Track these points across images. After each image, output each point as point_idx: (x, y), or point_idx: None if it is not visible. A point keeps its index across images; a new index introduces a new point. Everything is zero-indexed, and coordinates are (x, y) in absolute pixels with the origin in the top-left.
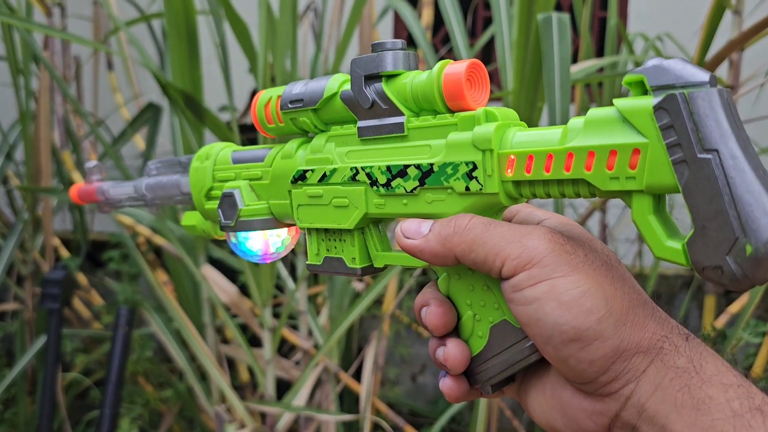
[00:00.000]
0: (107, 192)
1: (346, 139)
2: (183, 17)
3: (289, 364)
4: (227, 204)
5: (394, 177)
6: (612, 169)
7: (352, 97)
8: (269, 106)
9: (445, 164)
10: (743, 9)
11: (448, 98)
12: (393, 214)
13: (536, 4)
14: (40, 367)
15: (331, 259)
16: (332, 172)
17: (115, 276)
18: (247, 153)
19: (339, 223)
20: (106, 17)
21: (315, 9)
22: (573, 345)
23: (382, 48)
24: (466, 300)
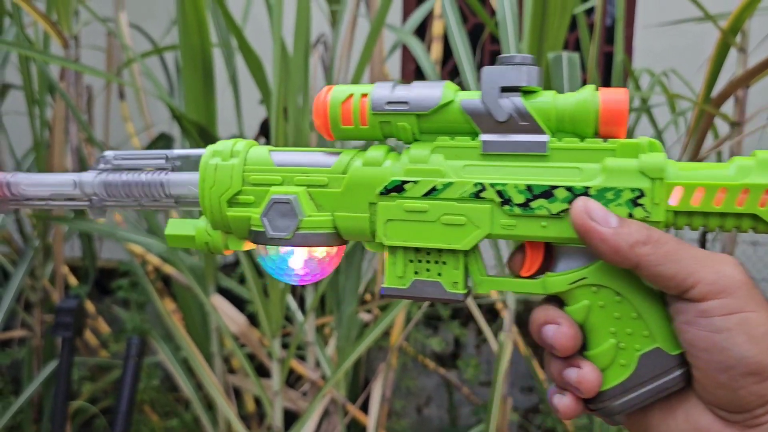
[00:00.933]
0: (17, 185)
1: (461, 152)
2: (199, 51)
3: (297, 395)
4: (279, 212)
5: (536, 197)
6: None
7: (480, 108)
8: (350, 104)
9: (605, 189)
10: (748, 46)
11: (604, 123)
12: (523, 236)
13: (546, 42)
14: (46, 394)
15: (422, 283)
16: (446, 186)
17: (122, 304)
18: (297, 155)
19: (449, 243)
20: (118, 48)
21: (325, 42)
22: (751, 378)
23: (513, 61)
24: (610, 328)
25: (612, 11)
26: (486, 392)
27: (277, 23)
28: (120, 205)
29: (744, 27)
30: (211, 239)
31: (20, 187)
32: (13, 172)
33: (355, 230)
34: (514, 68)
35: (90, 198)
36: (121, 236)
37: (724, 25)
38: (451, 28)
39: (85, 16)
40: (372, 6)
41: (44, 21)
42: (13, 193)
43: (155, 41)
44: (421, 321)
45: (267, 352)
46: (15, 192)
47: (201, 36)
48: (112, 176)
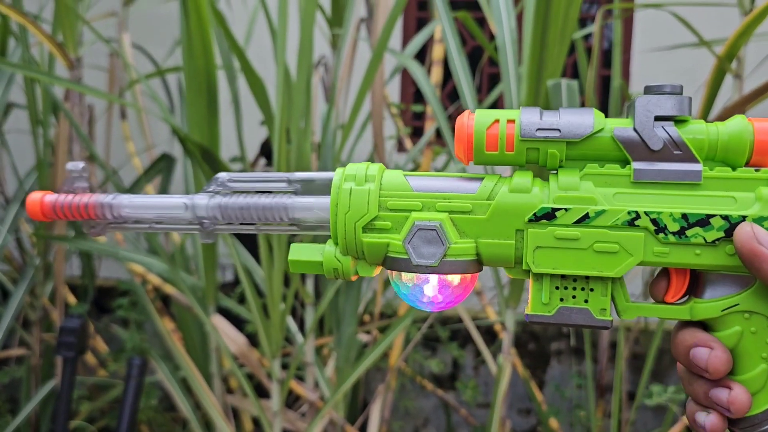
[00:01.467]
0: (119, 208)
1: (611, 180)
2: (204, 73)
3: (296, 416)
4: (424, 239)
5: (692, 226)
6: None
7: (634, 137)
8: (495, 130)
9: (762, 218)
10: (743, 72)
11: (759, 153)
12: (676, 264)
13: (545, 69)
14: (44, 414)
15: (568, 310)
16: (598, 214)
17: (121, 323)
18: (437, 181)
19: (600, 270)
20: (121, 68)
21: (325, 63)
22: None
23: (662, 90)
24: (762, 353)
25: (609, 35)
26: (484, 414)
27: (281, 48)
28: (233, 230)
29: (739, 53)
30: (341, 265)
31: (122, 210)
32: (114, 193)
33: (499, 257)
34: (670, 98)
35: (201, 221)
36: (122, 256)
37: (720, 51)
38: (451, 53)
39: (88, 37)
40: (373, 30)
41: (50, 42)
42: (114, 215)
43: (157, 62)
44: (420, 342)
45: (266, 373)
46: (116, 215)
47: (206, 58)
48: (229, 199)
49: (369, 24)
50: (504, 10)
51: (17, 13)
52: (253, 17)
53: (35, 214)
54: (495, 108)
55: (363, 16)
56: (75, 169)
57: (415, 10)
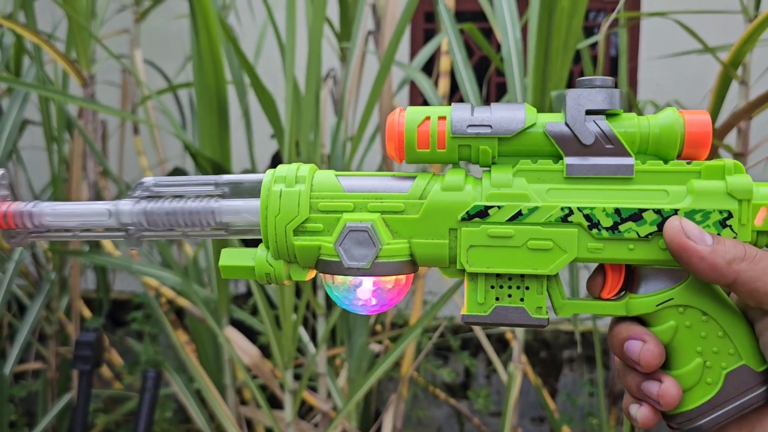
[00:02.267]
0: (40, 216)
1: (544, 176)
2: (214, 89)
3: (308, 427)
4: (355, 241)
5: (624, 221)
6: None
7: (565, 131)
8: (427, 127)
9: (693, 211)
10: (749, 79)
11: (690, 146)
12: (610, 259)
13: (549, 80)
14: (60, 427)
15: (504, 309)
16: (531, 211)
17: (136, 336)
18: (368, 181)
19: (534, 268)
20: (133, 84)
21: (334, 76)
22: None
23: (593, 84)
24: (696, 348)
25: (617, 42)
26: (497, 422)
27: (290, 63)
28: (159, 236)
29: (745, 60)
30: (273, 270)
31: (44, 218)
32: (34, 201)
33: (433, 257)
34: (600, 91)
35: (126, 228)
36: (136, 269)
37: (726, 57)
38: (458, 64)
39: (101, 54)
40: (380, 43)
41: (63, 61)
42: (35, 224)
43: (169, 78)
44: (432, 351)
45: (279, 384)
46: (37, 223)
47: (216, 74)
48: (155, 204)
49: (377, 37)
50: (509, 22)
51: (31, 32)
52: (262, 32)
53: None
54: None
55: (371, 29)
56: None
57: (422, 22)
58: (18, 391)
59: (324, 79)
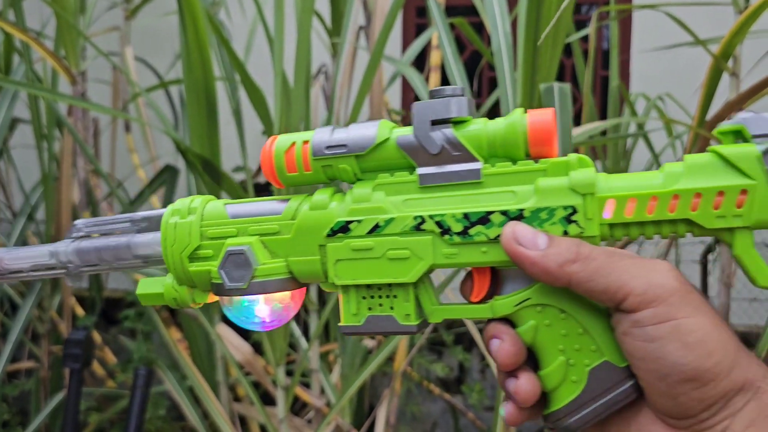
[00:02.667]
0: (2, 260)
1: (401, 187)
2: (203, 85)
3: (302, 423)
4: (234, 263)
5: (473, 224)
6: (718, 209)
7: (414, 143)
8: (293, 152)
9: (538, 209)
10: (740, 71)
11: (534, 145)
12: (466, 263)
13: (538, 73)
14: (53, 426)
15: (376, 318)
16: (387, 222)
17: (129, 334)
18: (251, 206)
19: (395, 277)
20: (124, 81)
21: (326, 72)
22: (689, 384)
23: (443, 94)
24: (558, 346)
25: (608, 35)
26: (491, 417)
27: (279, 57)
28: (95, 271)
29: (735, 52)
30: (179, 295)
31: (3, 262)
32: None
33: (309, 273)
34: (443, 101)
35: (66, 266)
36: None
37: (716, 49)
38: (448, 59)
39: (91, 51)
40: (371, 37)
41: (52, 59)
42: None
43: (160, 75)
44: (425, 346)
45: (272, 380)
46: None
47: (204, 71)
48: (85, 243)
49: (368, 32)
50: (498, 15)
51: (20, 30)
52: (252, 28)
53: None
54: (493, 114)
55: (362, 24)
56: None
57: (414, 16)
58: (11, 390)
59: (315, 75)
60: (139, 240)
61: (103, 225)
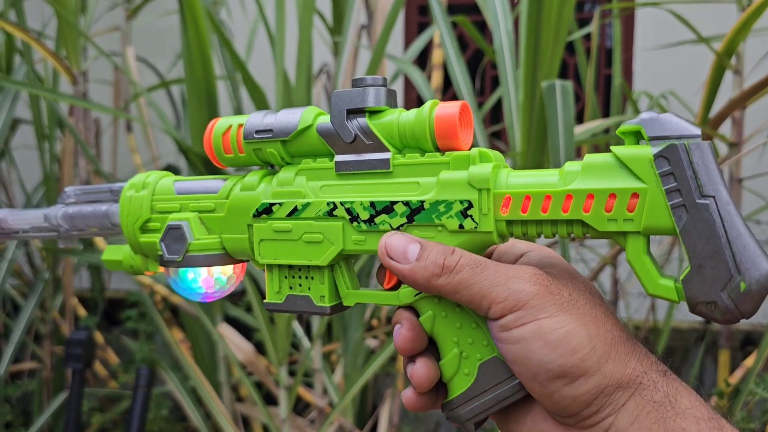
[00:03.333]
0: (5, 221)
1: (320, 173)
2: (204, 85)
3: (304, 423)
4: (173, 237)
5: (379, 213)
6: (610, 211)
7: (331, 130)
8: (228, 135)
9: (437, 202)
10: (743, 68)
11: (440, 137)
12: (373, 251)
13: (540, 71)
14: (56, 426)
15: (294, 297)
16: (304, 207)
17: (131, 334)
18: (195, 184)
19: (310, 259)
20: (126, 81)
21: (328, 71)
22: (558, 382)
23: (363, 84)
24: (453, 338)
25: (611, 33)
26: None
27: (280, 55)
28: (82, 235)
29: (738, 49)
30: (134, 262)
31: (7, 222)
32: (2, 209)
33: (240, 250)
34: (360, 91)
35: (57, 229)
36: None
37: (719, 47)
38: (450, 57)
39: (92, 51)
40: (373, 36)
41: (53, 59)
42: (2, 227)
43: (162, 74)
44: None
45: (274, 380)
46: (3, 226)
47: (205, 70)
48: (72, 209)
49: (369, 30)
50: (501, 14)
51: (21, 30)
52: (254, 27)
53: None
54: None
55: (363, 22)
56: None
57: (415, 15)
58: (13, 390)
59: (317, 74)
60: (115, 209)
61: (90, 193)
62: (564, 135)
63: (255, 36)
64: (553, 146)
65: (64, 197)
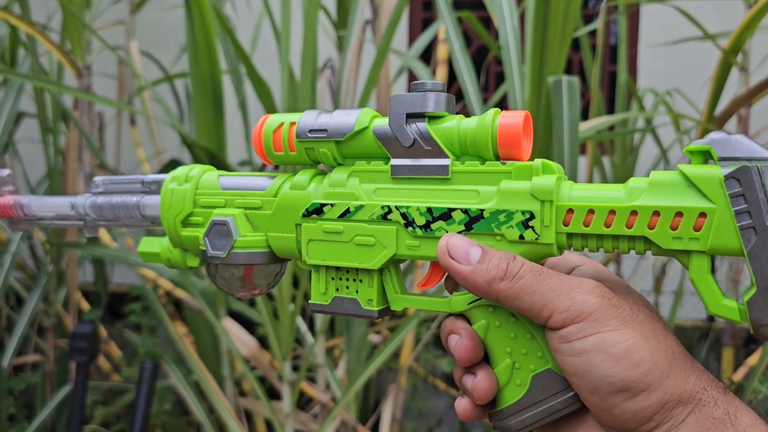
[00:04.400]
0: (29, 207)
1: (374, 176)
2: (209, 79)
3: (307, 417)
4: (218, 233)
5: (436, 219)
6: (676, 230)
7: (389, 133)
8: (280, 132)
9: (498, 211)
10: (749, 66)
11: (502, 146)
12: (427, 257)
13: (546, 66)
14: (59, 419)
15: (341, 299)
16: (357, 209)
17: (134, 328)
18: (240, 180)
19: (360, 262)
20: (129, 75)
21: (332, 66)
22: (620, 395)
23: (423, 88)
24: (506, 348)
25: (617, 30)
26: None
27: (285, 50)
28: (109, 225)
29: (745, 47)
30: (173, 256)
31: (31, 208)
32: (26, 195)
33: (285, 249)
34: (420, 95)
35: (84, 218)
36: (133, 261)
37: (725, 44)
38: (455, 53)
39: (97, 45)
40: (378, 31)
41: (58, 51)
42: (25, 213)
43: (166, 69)
44: (431, 342)
45: (278, 375)
46: (27, 213)
47: (211, 64)
48: (100, 199)
49: (374, 26)
50: (506, 9)
51: (26, 23)
52: (258, 21)
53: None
54: (500, 107)
55: (368, 17)
56: (1, 175)
57: (420, 11)
58: (17, 383)
59: (321, 69)
60: (147, 201)
61: (119, 183)
62: (569, 131)
63: (259, 31)
64: (557, 142)
65: (92, 186)
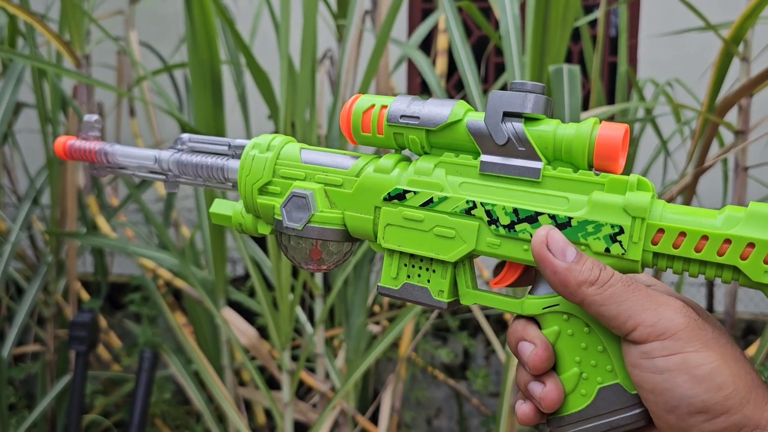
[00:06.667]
0: (113, 155)
1: (462, 170)
2: (209, 68)
3: (307, 407)
4: (296, 205)
5: (521, 221)
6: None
7: (483, 129)
8: (370, 114)
9: (586, 221)
10: (751, 55)
11: (598, 157)
12: (506, 256)
13: (547, 55)
14: (60, 408)
15: (412, 286)
16: (441, 200)
17: (134, 318)
18: (323, 156)
19: (437, 253)
20: (129, 66)
21: (331, 57)
22: (699, 417)
23: (524, 88)
24: (575, 357)
25: (617, 22)
26: (495, 403)
27: (284, 41)
28: (189, 183)
29: (746, 36)
30: (244, 221)
31: (116, 156)
32: (112, 143)
33: (361, 230)
34: (520, 95)
35: (166, 173)
36: (132, 251)
37: (727, 34)
38: (455, 43)
39: (96, 35)
40: (377, 21)
41: (57, 41)
42: (109, 161)
43: (165, 59)
44: (430, 332)
45: (277, 365)
46: (111, 160)
47: (210, 54)
48: (185, 156)
49: (374, 15)
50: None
51: (25, 12)
52: (258, 11)
53: (59, 152)
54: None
55: (368, 7)
56: (89, 120)
57: (420, 1)
58: (17, 373)
59: (321, 59)
60: (231, 164)
61: (205, 143)
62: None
63: (259, 21)
64: None
65: (177, 142)
